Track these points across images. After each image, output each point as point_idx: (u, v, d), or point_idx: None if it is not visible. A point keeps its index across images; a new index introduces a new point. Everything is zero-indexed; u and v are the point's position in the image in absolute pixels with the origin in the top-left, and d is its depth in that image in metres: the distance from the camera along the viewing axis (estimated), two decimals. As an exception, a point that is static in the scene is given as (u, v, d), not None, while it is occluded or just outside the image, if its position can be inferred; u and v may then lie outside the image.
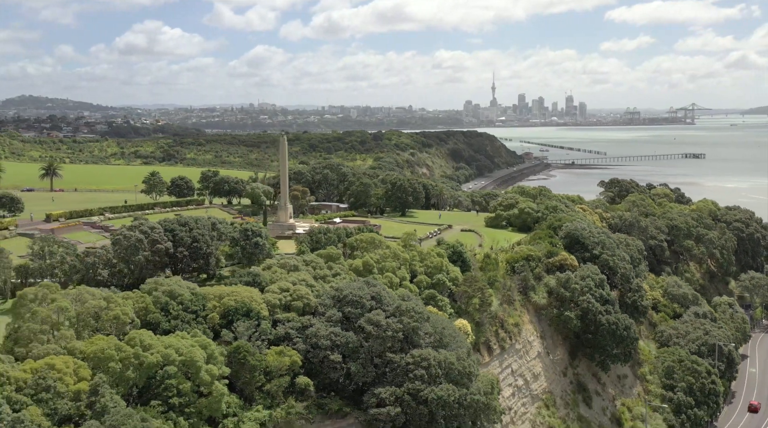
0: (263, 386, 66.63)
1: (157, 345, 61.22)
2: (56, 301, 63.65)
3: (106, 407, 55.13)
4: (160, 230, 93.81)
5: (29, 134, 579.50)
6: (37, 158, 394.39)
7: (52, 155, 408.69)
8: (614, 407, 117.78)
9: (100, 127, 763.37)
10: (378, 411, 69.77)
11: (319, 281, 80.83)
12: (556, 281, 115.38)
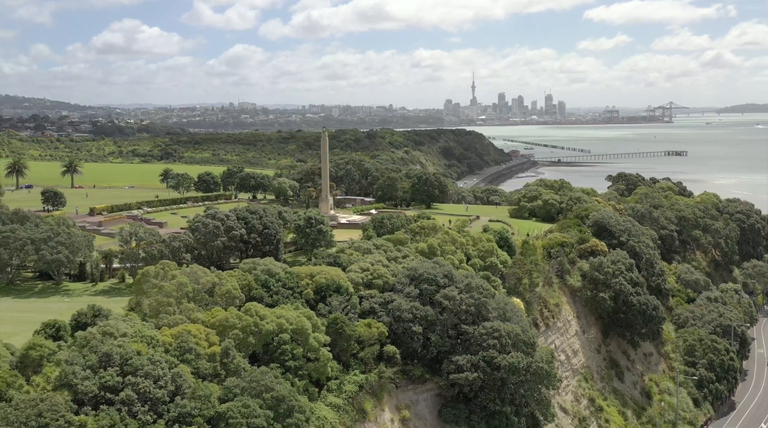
0: (357, 353, 72.89)
1: (270, 316, 67.39)
2: (176, 277, 69.83)
3: (238, 367, 61.47)
4: (233, 218, 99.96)
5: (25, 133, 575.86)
6: (37, 156, 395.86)
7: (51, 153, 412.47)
8: (643, 382, 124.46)
9: (85, 126, 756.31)
10: (458, 376, 76.15)
11: (391, 262, 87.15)
12: (589, 266, 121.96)
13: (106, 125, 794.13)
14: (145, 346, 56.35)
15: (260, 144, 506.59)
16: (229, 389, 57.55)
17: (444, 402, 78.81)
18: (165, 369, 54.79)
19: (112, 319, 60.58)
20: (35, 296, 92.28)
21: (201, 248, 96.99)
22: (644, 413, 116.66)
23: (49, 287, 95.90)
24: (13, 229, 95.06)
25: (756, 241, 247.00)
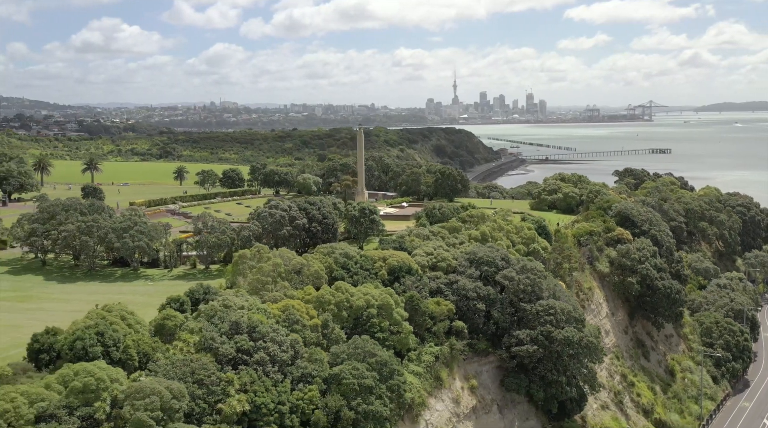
0: (431, 328, 79.03)
1: (357, 293, 73.53)
2: (271, 259, 75.89)
3: (338, 337, 67.63)
4: (296, 209, 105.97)
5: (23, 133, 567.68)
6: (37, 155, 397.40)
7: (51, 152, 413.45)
8: (666, 361, 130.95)
9: (71, 125, 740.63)
10: (519, 349, 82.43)
11: (450, 247, 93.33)
12: (617, 253, 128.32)
13: (92, 124, 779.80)
14: (263, 316, 62.44)
15: (257, 143, 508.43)
16: (337, 354, 63.71)
17: (505, 373, 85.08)
18: (284, 336, 60.94)
19: (228, 294, 66.63)
20: (119, 281, 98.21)
21: (268, 236, 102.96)
22: (669, 389, 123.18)
23: (128, 273, 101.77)
24: (95, 219, 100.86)
25: (756, 232, 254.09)
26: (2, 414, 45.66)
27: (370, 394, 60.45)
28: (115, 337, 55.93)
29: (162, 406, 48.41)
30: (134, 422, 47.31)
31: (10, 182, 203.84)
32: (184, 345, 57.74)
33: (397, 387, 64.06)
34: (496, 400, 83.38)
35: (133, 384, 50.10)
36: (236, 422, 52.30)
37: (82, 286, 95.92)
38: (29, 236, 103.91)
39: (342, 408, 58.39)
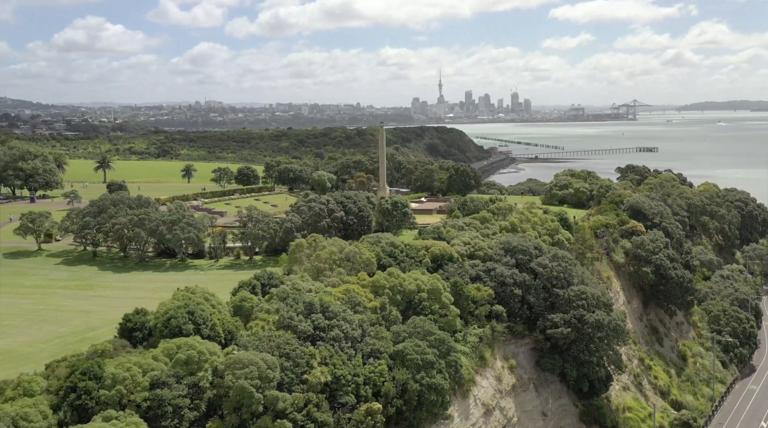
0: (473, 311, 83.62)
1: (408, 278, 78.07)
2: (326, 247, 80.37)
3: (396, 318, 72.18)
4: (333, 202, 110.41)
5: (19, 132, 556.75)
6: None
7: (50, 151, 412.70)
8: (678, 346, 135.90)
9: (59, 125, 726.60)
10: (554, 331, 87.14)
11: (485, 237, 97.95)
12: (631, 244, 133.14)
13: (81, 123, 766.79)
14: (332, 298, 66.95)
15: (253, 142, 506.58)
16: (398, 333, 68.26)
17: (539, 354, 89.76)
18: (352, 315, 65.47)
19: (294, 279, 71.08)
20: (170, 271, 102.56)
21: (308, 228, 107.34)
22: (683, 372, 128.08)
23: (177, 264, 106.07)
24: (146, 212, 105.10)
25: (753, 227, 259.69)
26: (122, 381, 50.06)
27: (432, 368, 65.02)
28: (204, 316, 60.34)
29: (259, 375, 52.91)
30: (237, 389, 51.78)
31: (36, 180, 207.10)
32: (264, 323, 62.14)
33: (454, 362, 68.74)
34: (532, 379, 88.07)
35: (232, 355, 54.55)
36: (320, 391, 56.79)
37: (136, 275, 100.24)
38: (82, 229, 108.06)
39: (408, 381, 62.93)
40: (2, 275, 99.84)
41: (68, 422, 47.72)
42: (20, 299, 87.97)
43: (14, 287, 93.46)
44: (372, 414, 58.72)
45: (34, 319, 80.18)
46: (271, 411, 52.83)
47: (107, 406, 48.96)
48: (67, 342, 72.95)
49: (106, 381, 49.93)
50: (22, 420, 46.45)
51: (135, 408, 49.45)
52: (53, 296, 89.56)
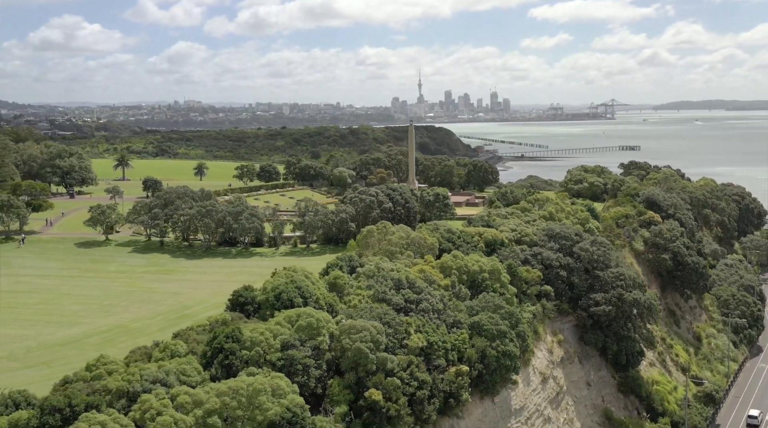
0: (525, 291, 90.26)
1: (470, 261, 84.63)
2: (395, 233, 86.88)
3: (465, 295, 78.76)
4: (382, 195, 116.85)
5: None
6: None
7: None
8: (693, 328, 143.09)
9: (42, 124, 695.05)
10: (596, 309, 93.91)
11: (527, 224, 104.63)
12: (650, 233, 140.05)
13: (64, 123, 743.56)
14: (416, 275, 73.48)
15: (249, 140, 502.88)
16: (472, 307, 74.87)
17: (582, 330, 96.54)
18: (433, 291, 72.04)
19: (376, 260, 77.56)
20: (239, 257, 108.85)
21: (359, 218, 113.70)
22: (699, 351, 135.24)
23: (241, 251, 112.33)
24: (212, 204, 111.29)
25: (749, 219, 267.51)
26: (258, 343, 56.45)
27: (505, 337, 71.62)
28: (309, 291, 66.77)
29: (371, 339, 59.41)
30: (354, 350, 58.25)
31: (72, 177, 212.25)
32: (361, 297, 68.62)
33: (522, 333, 75.40)
34: (576, 353, 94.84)
35: (346, 322, 61.01)
36: (417, 354, 63.33)
37: (207, 262, 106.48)
38: (152, 220, 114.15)
39: (486, 348, 69.51)
40: (83, 262, 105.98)
41: (219, 377, 54.01)
42: (110, 283, 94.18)
43: (100, 273, 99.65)
44: (461, 375, 65.35)
45: (131, 299, 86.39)
46: (381, 370, 59.30)
47: (248, 364, 55.35)
48: (168, 318, 79.23)
49: (246, 344, 56.33)
50: (183, 375, 52.82)
51: (271, 366, 55.80)
52: (139, 280, 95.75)
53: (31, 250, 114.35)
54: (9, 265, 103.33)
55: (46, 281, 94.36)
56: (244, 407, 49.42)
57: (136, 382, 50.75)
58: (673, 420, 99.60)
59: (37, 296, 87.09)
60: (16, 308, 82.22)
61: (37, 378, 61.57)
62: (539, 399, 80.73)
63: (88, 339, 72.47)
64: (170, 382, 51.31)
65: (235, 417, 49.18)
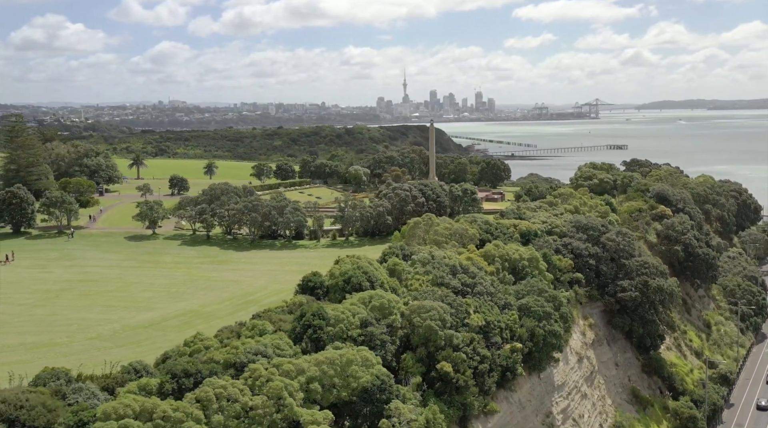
0: (559, 278, 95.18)
1: (510, 249, 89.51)
2: (440, 224, 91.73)
3: (509, 280, 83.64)
4: (415, 190, 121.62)
5: None
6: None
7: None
8: (703, 316, 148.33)
9: (31, 124, 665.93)
10: (623, 295, 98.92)
11: (555, 217, 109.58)
12: (662, 226, 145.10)
13: (53, 123, 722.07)
14: (469, 262, 78.35)
15: (247, 140, 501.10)
16: (518, 291, 79.76)
17: (610, 315, 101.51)
18: (484, 276, 76.92)
19: (427, 248, 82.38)
20: (284, 249, 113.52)
21: (395, 212, 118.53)
22: (710, 337, 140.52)
23: (285, 243, 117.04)
24: (257, 199, 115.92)
25: (746, 215, 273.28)
26: (341, 320, 61.23)
27: (550, 318, 76.58)
28: (375, 275, 71.59)
29: (439, 317, 64.27)
30: (425, 327, 63.05)
31: (100, 175, 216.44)
32: (421, 281, 73.46)
33: (565, 314, 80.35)
34: (605, 336, 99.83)
35: (414, 302, 65.81)
36: (477, 332, 68.20)
37: (256, 253, 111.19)
38: (199, 214, 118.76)
39: (535, 327, 74.41)
40: (140, 254, 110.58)
41: (309, 350, 58.76)
42: (172, 272, 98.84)
43: (159, 263, 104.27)
44: (515, 352, 70.27)
45: (195, 287, 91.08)
46: (449, 345, 64.14)
47: (333, 340, 60.14)
48: (234, 303, 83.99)
49: (330, 321, 61.11)
50: (277, 348, 57.59)
51: (352, 341, 60.59)
52: (197, 270, 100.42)
53: (86, 243, 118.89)
54: (70, 257, 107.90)
55: (111, 271, 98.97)
56: (339, 375, 54.18)
57: (240, 354, 55.48)
58: (692, 399, 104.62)
59: (109, 285, 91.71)
60: (91, 296, 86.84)
61: (130, 355, 66.14)
62: (576, 376, 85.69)
63: (167, 322, 77.13)
64: (269, 354, 56.11)
65: (331, 384, 53.94)
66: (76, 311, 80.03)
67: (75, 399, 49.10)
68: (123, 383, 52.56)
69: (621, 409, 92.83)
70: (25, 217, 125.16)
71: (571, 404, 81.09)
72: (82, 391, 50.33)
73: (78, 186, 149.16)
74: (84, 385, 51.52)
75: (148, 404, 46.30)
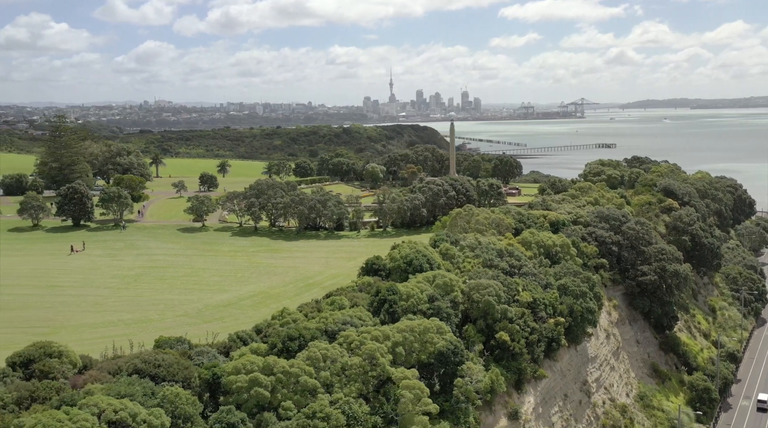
0: (586, 263, 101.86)
1: (544, 237, 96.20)
2: (479, 214, 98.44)
3: (546, 263, 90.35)
4: (446, 185, 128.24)
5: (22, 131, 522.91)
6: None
7: None
8: (708, 301, 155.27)
9: (21, 125, 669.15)
10: (643, 279, 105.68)
11: (578, 208, 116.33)
12: (671, 218, 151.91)
13: (43, 123, 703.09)
14: (511, 247, 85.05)
15: (247, 140, 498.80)
16: (556, 273, 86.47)
17: (631, 297, 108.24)
18: (525, 258, 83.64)
19: (472, 235, 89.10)
20: (329, 239, 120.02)
21: (428, 205, 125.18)
22: (715, 321, 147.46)
23: (329, 234, 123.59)
24: (302, 192, 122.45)
25: (742, 209, 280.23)
26: (413, 295, 67.91)
27: (586, 296, 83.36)
28: (432, 258, 78.28)
29: (495, 293, 70.99)
30: (484, 302, 69.74)
31: (132, 173, 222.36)
32: (472, 264, 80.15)
33: (598, 294, 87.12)
34: (626, 316, 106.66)
35: (472, 281, 72.53)
36: (526, 307, 74.95)
37: (304, 243, 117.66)
38: (249, 207, 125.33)
39: (573, 304, 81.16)
40: (197, 244, 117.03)
41: (386, 321, 65.37)
42: (233, 259, 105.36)
43: (218, 252, 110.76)
44: (559, 325, 77.04)
45: (258, 272, 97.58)
46: (504, 318, 70.89)
47: (406, 312, 66.81)
48: (298, 286, 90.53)
49: (402, 296, 67.83)
50: (358, 319, 64.13)
51: (422, 314, 67.27)
52: (255, 257, 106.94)
53: (143, 234, 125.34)
54: (135, 246, 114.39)
55: (177, 259, 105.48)
56: (418, 341, 60.82)
57: (331, 323, 62.12)
58: (705, 373, 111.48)
59: (179, 271, 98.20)
60: (167, 280, 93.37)
61: (218, 329, 72.44)
62: (606, 350, 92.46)
63: (242, 302, 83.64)
64: (355, 323, 62.82)
65: (412, 349, 60.64)
66: (158, 293, 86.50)
67: (200, 360, 55.66)
68: (233, 349, 59.23)
69: (643, 381, 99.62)
70: (85, 211, 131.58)
71: (602, 374, 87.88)
72: (205, 353, 56.96)
73: (131, 182, 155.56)
74: (204, 348, 58.21)
75: (269, 360, 53.03)
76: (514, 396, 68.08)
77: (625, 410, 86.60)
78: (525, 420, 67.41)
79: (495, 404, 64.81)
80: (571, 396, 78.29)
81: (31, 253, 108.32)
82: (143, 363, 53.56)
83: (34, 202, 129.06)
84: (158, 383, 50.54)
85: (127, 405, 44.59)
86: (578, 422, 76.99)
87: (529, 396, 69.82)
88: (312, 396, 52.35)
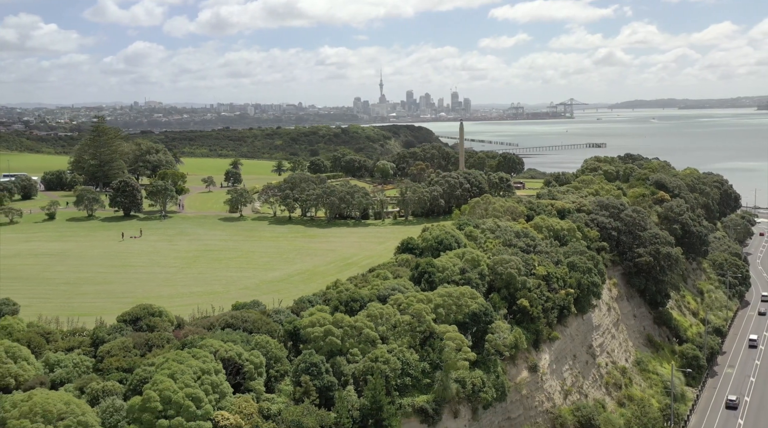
0: (590, 246, 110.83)
1: (553, 222, 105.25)
2: (496, 202, 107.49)
3: (556, 244, 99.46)
4: (462, 178, 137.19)
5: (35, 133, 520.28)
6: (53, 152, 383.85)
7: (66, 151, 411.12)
8: (696, 284, 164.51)
9: (17, 126, 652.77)
10: (640, 260, 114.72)
11: (581, 198, 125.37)
12: (663, 208, 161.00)
13: (39, 124, 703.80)
14: (525, 230, 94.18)
15: (249, 140, 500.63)
16: (566, 252, 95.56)
17: (628, 276, 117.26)
18: (539, 239, 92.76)
19: (491, 220, 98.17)
20: (358, 226, 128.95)
21: (445, 196, 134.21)
22: (703, 302, 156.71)
23: (357, 223, 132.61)
24: (331, 185, 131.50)
25: (727, 203, 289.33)
26: (447, 268, 77.04)
27: (591, 272, 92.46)
28: (459, 238, 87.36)
29: (516, 267, 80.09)
30: (507, 274, 78.81)
31: (164, 169, 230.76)
32: (493, 243, 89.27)
33: (602, 270, 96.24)
34: (624, 293, 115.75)
35: (496, 257, 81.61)
36: (541, 280, 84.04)
37: (336, 230, 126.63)
38: (284, 199, 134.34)
39: (581, 278, 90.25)
40: (241, 231, 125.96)
41: (426, 289, 74.48)
42: (275, 243, 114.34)
43: (261, 238, 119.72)
44: (569, 295, 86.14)
45: (301, 254, 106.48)
46: (524, 288, 79.99)
47: (442, 282, 75.90)
48: (338, 265, 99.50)
49: (439, 268, 76.93)
50: (403, 287, 73.37)
51: (455, 283, 76.37)
52: (294, 241, 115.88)
53: (189, 223, 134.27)
54: (186, 233, 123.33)
55: (226, 243, 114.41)
56: (455, 304, 69.91)
57: (382, 290, 71.18)
58: (694, 344, 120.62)
59: (231, 253, 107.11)
60: (222, 261, 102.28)
61: (277, 299, 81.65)
62: (608, 321, 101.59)
63: (291, 278, 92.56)
64: (402, 290, 71.92)
65: (450, 310, 69.72)
66: (217, 271, 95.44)
67: (278, 318, 64.75)
68: (303, 309, 68.26)
69: (640, 350, 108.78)
70: (135, 202, 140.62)
71: (605, 341, 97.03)
72: (281, 312, 66.05)
73: (174, 177, 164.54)
74: (279, 308, 67.33)
75: (338, 316, 62.17)
76: (533, 353, 77.17)
77: (624, 371, 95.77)
78: (542, 373, 76.56)
79: (518, 358, 73.89)
80: (579, 357, 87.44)
81: (96, 239, 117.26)
82: (233, 318, 62.62)
83: (90, 195, 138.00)
84: (250, 334, 59.61)
85: (233, 347, 53.58)
86: (585, 379, 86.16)
87: (545, 354, 78.90)
88: (372, 345, 61.38)
